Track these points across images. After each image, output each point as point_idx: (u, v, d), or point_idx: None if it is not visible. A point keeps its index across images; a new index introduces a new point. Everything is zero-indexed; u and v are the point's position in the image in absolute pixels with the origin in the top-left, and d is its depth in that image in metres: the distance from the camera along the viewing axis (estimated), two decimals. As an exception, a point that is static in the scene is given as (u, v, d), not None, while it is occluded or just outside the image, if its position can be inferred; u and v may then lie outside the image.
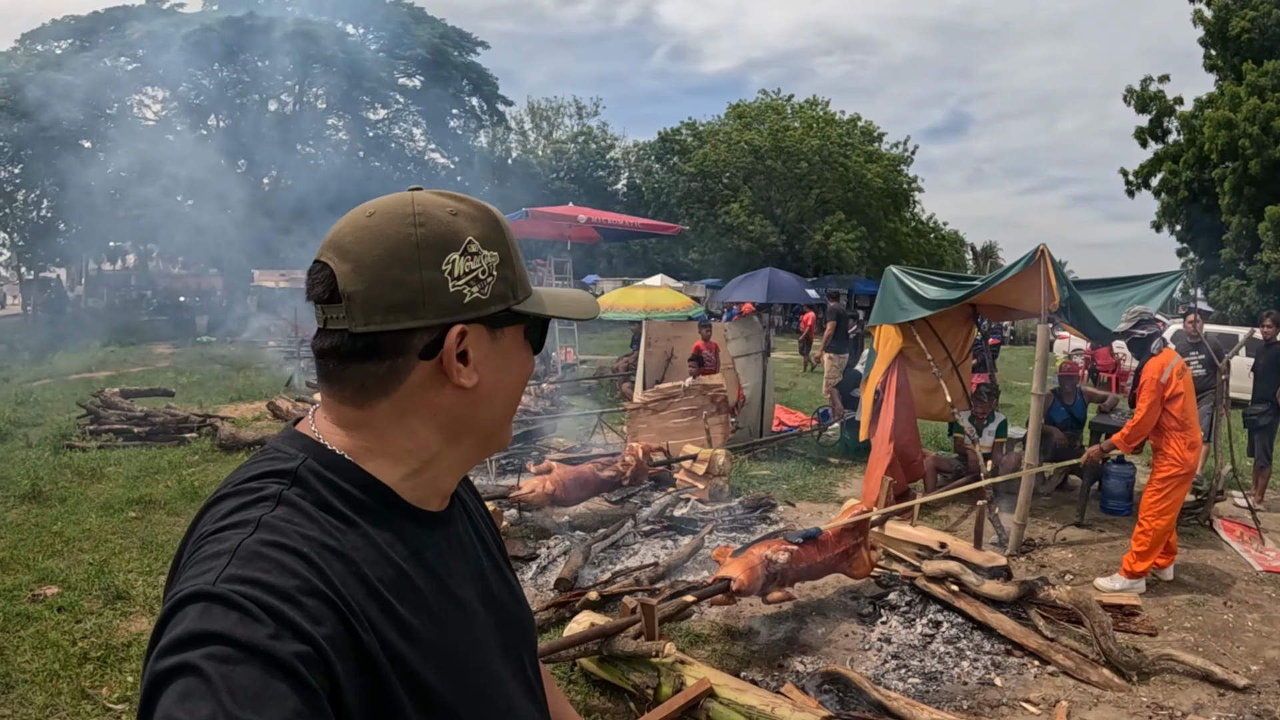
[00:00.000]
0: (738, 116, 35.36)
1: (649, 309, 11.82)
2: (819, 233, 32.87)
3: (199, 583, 0.68)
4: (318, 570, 0.73)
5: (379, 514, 0.84)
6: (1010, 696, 4.08)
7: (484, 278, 0.85)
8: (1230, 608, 5.25)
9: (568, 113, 42.11)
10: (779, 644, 4.71)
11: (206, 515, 0.80)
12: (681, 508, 7.21)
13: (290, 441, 0.87)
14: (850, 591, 5.39)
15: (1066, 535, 6.61)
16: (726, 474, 7.56)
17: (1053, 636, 4.58)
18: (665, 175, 36.23)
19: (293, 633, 0.67)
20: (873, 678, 4.23)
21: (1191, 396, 5.34)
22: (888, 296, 7.18)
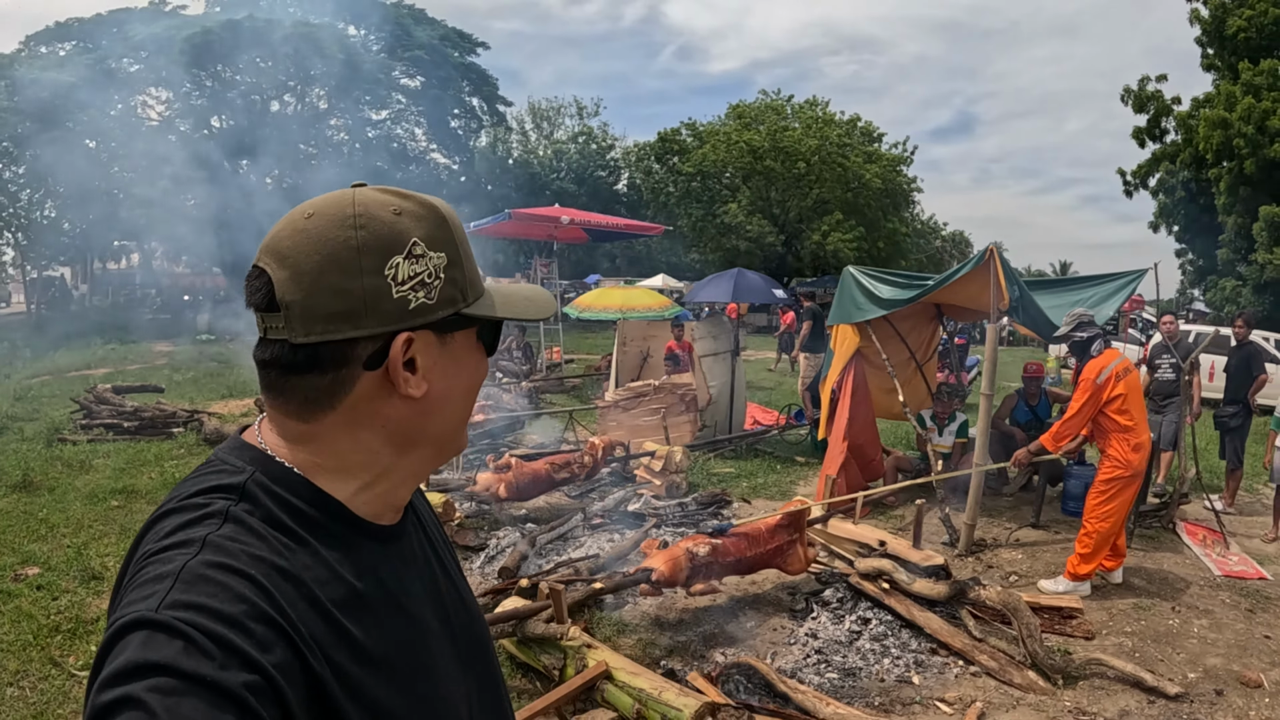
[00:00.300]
0: (737, 117, 35.22)
1: (625, 309, 11.78)
2: (817, 232, 32.70)
3: (141, 609, 0.65)
4: (266, 594, 0.69)
5: (330, 530, 0.80)
6: (926, 695, 4.02)
7: (430, 281, 0.80)
8: (1178, 613, 5.13)
9: (568, 113, 42.13)
10: (706, 635, 4.70)
11: (150, 532, 0.76)
12: (635, 503, 7.20)
13: (237, 453, 0.82)
14: (788, 587, 5.35)
15: (1020, 536, 6.48)
16: (684, 471, 7.53)
17: (981, 637, 4.49)
18: (665, 175, 36.11)
19: (240, 662, 0.63)
20: (789, 671, 4.20)
21: (1135, 397, 5.21)
22: (845, 296, 7.08)
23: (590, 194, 38.45)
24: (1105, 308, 6.37)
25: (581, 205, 37.07)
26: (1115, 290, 6.53)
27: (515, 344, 15.79)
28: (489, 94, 30.72)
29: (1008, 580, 5.56)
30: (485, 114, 31.65)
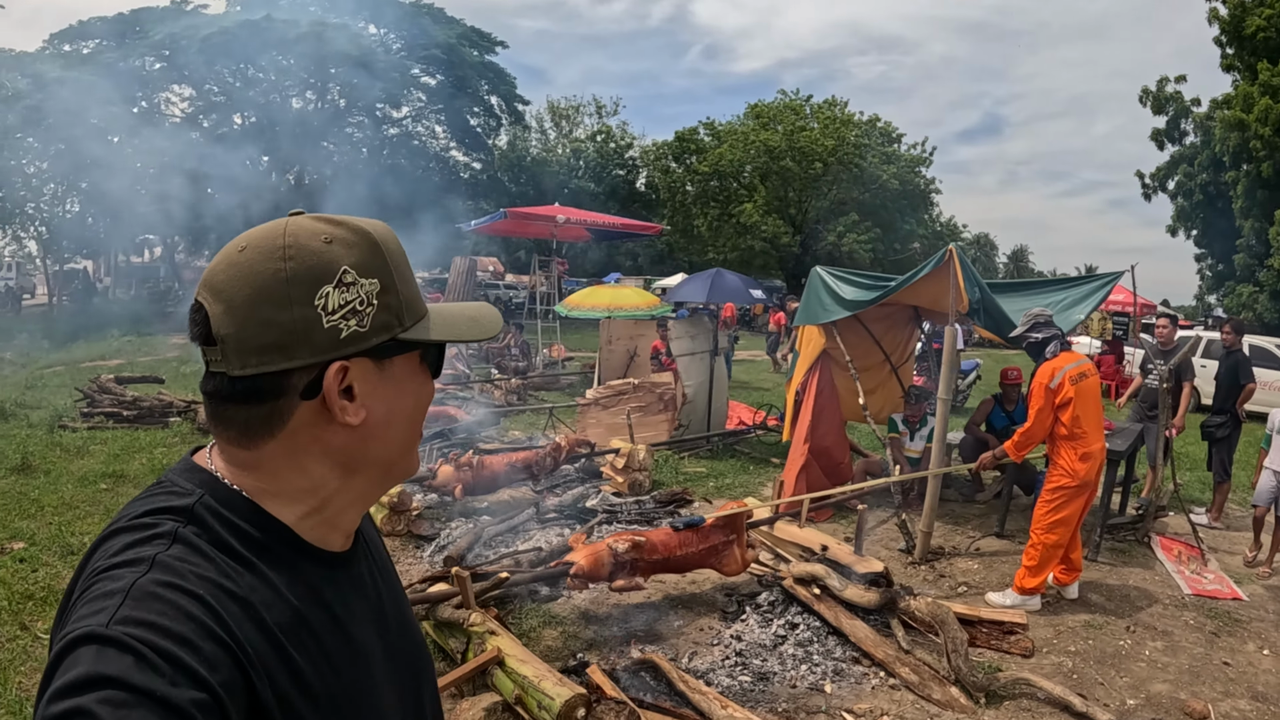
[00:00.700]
0: (755, 116, 34.85)
1: (612, 308, 11.68)
2: (832, 233, 32.27)
3: (91, 623, 0.65)
4: (214, 613, 0.70)
5: (277, 554, 0.80)
6: (835, 705, 3.86)
7: (362, 309, 0.80)
8: (1132, 633, 4.84)
9: (587, 112, 42.03)
10: (631, 632, 4.62)
11: (99, 550, 0.76)
12: (592, 499, 7.12)
13: (187, 475, 0.82)
14: (726, 588, 5.22)
15: (982, 546, 6.22)
16: (647, 469, 7.37)
17: (909, 648, 4.26)
18: (683, 175, 35.88)
19: (189, 679, 0.64)
20: (703, 671, 4.09)
21: (1088, 404, 4.94)
22: (812, 297, 6.86)
23: (608, 193, 38.35)
24: (1075, 312, 6.08)
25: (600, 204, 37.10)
26: (1088, 294, 6.23)
27: (514, 341, 15.73)
28: (507, 93, 30.69)
29: (956, 591, 5.32)
30: (504, 112, 31.62)
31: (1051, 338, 5.07)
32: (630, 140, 39.85)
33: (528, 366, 14.98)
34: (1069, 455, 4.89)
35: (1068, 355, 5.05)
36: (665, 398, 9.58)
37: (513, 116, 32.26)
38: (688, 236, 36.18)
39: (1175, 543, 6.43)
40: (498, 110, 31.34)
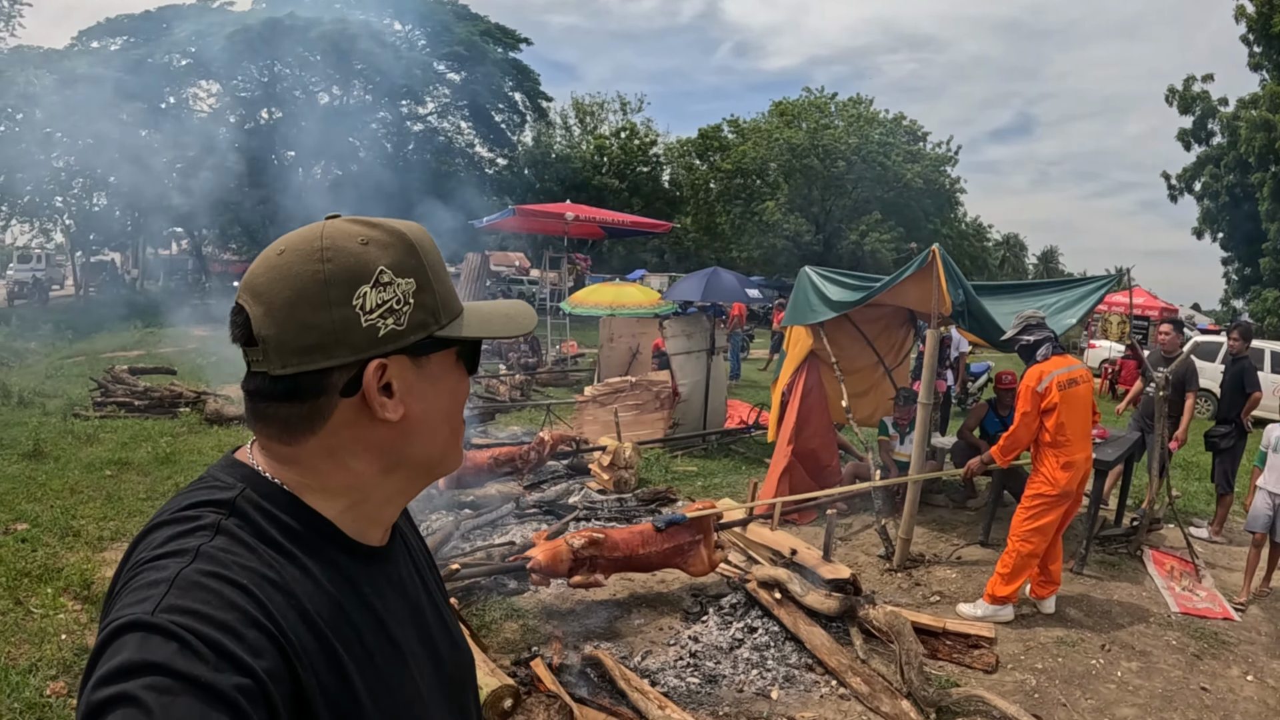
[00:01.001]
0: (780, 114, 34.50)
1: (615, 305, 11.60)
2: (854, 232, 31.88)
3: (137, 611, 0.66)
4: (258, 602, 0.71)
5: (317, 547, 0.81)
6: (779, 711, 3.77)
7: (399, 308, 0.81)
8: (1107, 651, 4.61)
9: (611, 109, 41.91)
10: (590, 628, 4.60)
11: (143, 542, 0.77)
12: (575, 495, 7.12)
13: (229, 470, 0.84)
14: (695, 589, 5.16)
15: (965, 554, 6.03)
16: (633, 466, 7.30)
17: (865, 657, 4.10)
18: (706, 172, 35.65)
19: (233, 665, 0.65)
20: (653, 670, 4.05)
21: (1075, 411, 4.76)
22: (799, 298, 6.72)
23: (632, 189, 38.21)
24: (1066, 315, 5.86)
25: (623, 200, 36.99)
26: (1081, 297, 6.01)
27: (525, 337, 15.68)
28: (530, 89, 30.70)
29: (929, 600, 5.15)
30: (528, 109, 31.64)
31: (1043, 340, 4.90)
32: (654, 137, 39.68)
33: (538, 363, 14.95)
34: (1051, 463, 4.72)
35: (1059, 359, 4.87)
36: (662, 396, 9.50)
37: (536, 113, 32.26)
38: (711, 234, 35.96)
39: (1169, 557, 6.17)
40: (522, 107, 31.36)
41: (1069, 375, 4.79)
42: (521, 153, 35.16)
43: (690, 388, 9.28)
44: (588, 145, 38.66)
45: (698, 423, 9.41)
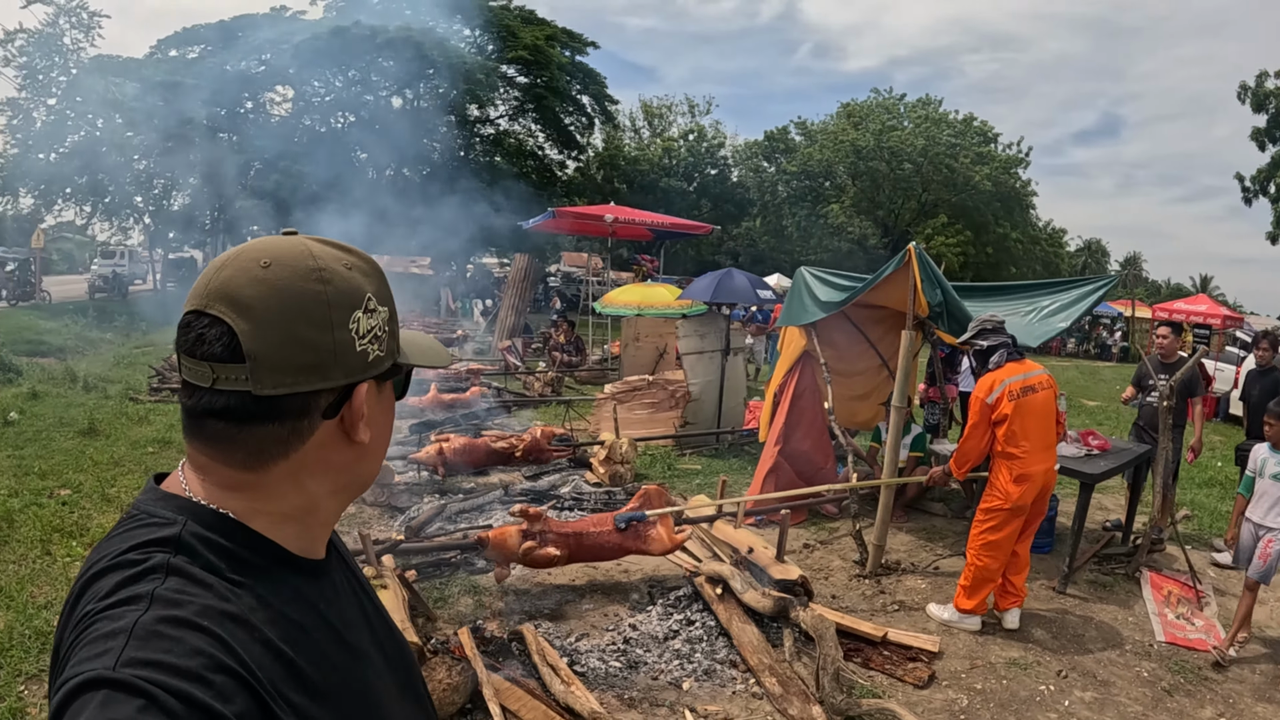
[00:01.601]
0: (847, 115, 33.87)
1: (642, 305, 11.58)
2: (920, 235, 31.03)
3: (96, 666, 0.63)
4: (221, 643, 0.68)
5: (269, 572, 0.80)
6: (683, 701, 3.78)
7: (381, 335, 0.84)
8: (1063, 678, 4.27)
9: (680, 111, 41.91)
10: (538, 608, 4.72)
11: (86, 593, 0.73)
12: (566, 486, 7.21)
13: (163, 504, 0.80)
14: (654, 580, 5.19)
15: (944, 565, 5.78)
16: (630, 462, 7.32)
17: (790, 659, 3.99)
18: (775, 175, 35.29)
19: (203, 714, 0.63)
20: (581, 650, 4.14)
21: (1031, 420, 4.55)
22: (794, 297, 6.65)
23: (700, 191, 38.14)
24: (1058, 319, 5.59)
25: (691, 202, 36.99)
26: (1077, 299, 5.73)
27: (566, 337, 15.89)
28: (597, 92, 30.95)
29: (888, 608, 4.94)
30: (595, 112, 31.93)
31: (998, 346, 4.72)
32: (722, 139, 39.53)
33: (580, 361, 15.08)
34: (1004, 475, 4.53)
35: (1015, 366, 4.67)
36: (677, 395, 9.47)
37: (604, 116, 32.52)
38: (778, 237, 35.56)
39: (1170, 581, 5.74)
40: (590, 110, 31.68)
41: (1024, 383, 4.57)
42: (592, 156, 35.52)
43: (702, 387, 9.23)
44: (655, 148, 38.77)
45: (711, 422, 9.34)
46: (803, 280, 6.55)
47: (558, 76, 28.45)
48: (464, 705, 3.50)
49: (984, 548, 4.56)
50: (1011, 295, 6.09)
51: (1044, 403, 4.61)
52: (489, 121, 31.13)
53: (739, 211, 38.14)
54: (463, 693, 3.47)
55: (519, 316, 16.99)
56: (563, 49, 28.96)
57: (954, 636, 4.61)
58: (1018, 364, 4.68)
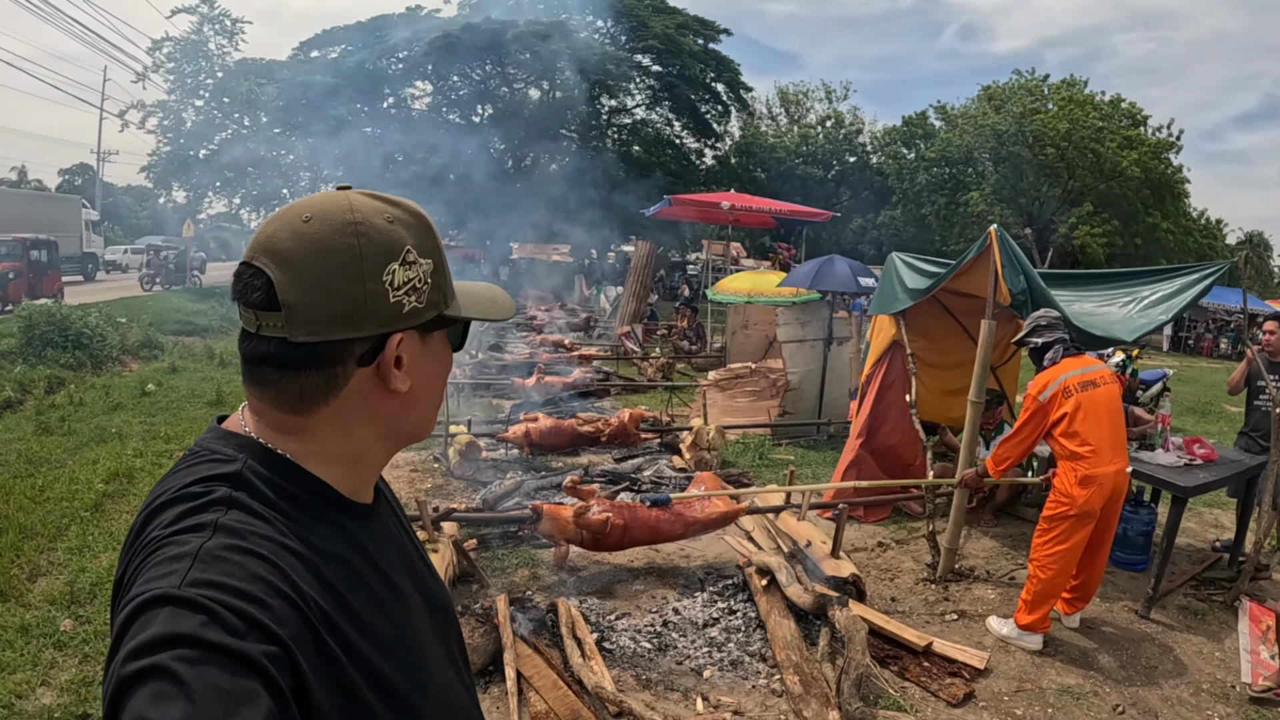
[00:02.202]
0: (988, 98, 31.70)
1: (752, 293, 11.38)
2: (1064, 225, 28.68)
3: (162, 585, 0.67)
4: (279, 571, 0.73)
5: (322, 512, 0.85)
6: (701, 689, 3.70)
7: (420, 286, 0.86)
8: (1118, 714, 3.75)
9: (816, 97, 40.64)
10: (589, 585, 4.77)
11: (152, 522, 0.77)
12: (648, 470, 7.26)
13: (225, 442, 0.85)
14: (711, 567, 5.14)
15: (1019, 575, 5.22)
16: (716, 448, 7.28)
17: (822, 659, 3.84)
18: (914, 161, 33.64)
19: (260, 634, 0.66)
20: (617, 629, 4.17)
21: (1094, 418, 4.13)
22: (885, 285, 6.37)
23: (838, 179, 36.98)
24: (1159, 310, 4.99)
25: (829, 190, 36.04)
26: (1181, 289, 5.05)
27: (689, 323, 15.92)
28: (730, 79, 30.56)
29: (946, 617, 4.62)
30: (730, 99, 31.56)
31: (1053, 342, 4.36)
32: (860, 125, 38.09)
33: (699, 348, 15.07)
34: (1067, 478, 4.14)
35: (1072, 361, 4.29)
36: (779, 384, 9.28)
37: (738, 103, 32.09)
38: (918, 225, 33.96)
39: (1271, 614, 4.78)
40: (725, 97, 31.34)
41: (1082, 378, 4.18)
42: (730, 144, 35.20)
43: (801, 377, 8.98)
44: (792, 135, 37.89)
45: (811, 413, 9.08)
46: (894, 266, 6.23)
47: (690, 65, 28.28)
48: (485, 666, 3.62)
49: (1048, 559, 4.18)
50: (1108, 284, 5.49)
51: (1108, 398, 4.20)
52: (625, 111, 31.42)
53: (879, 200, 36.75)
54: (483, 654, 3.60)
55: (640, 303, 17.14)
56: (695, 37, 28.77)
57: (1009, 654, 4.24)
58: (1075, 359, 4.32)
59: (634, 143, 31.59)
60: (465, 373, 11.23)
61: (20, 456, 6.91)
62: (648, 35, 26.94)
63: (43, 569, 4.76)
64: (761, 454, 8.10)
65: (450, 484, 6.66)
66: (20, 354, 10.74)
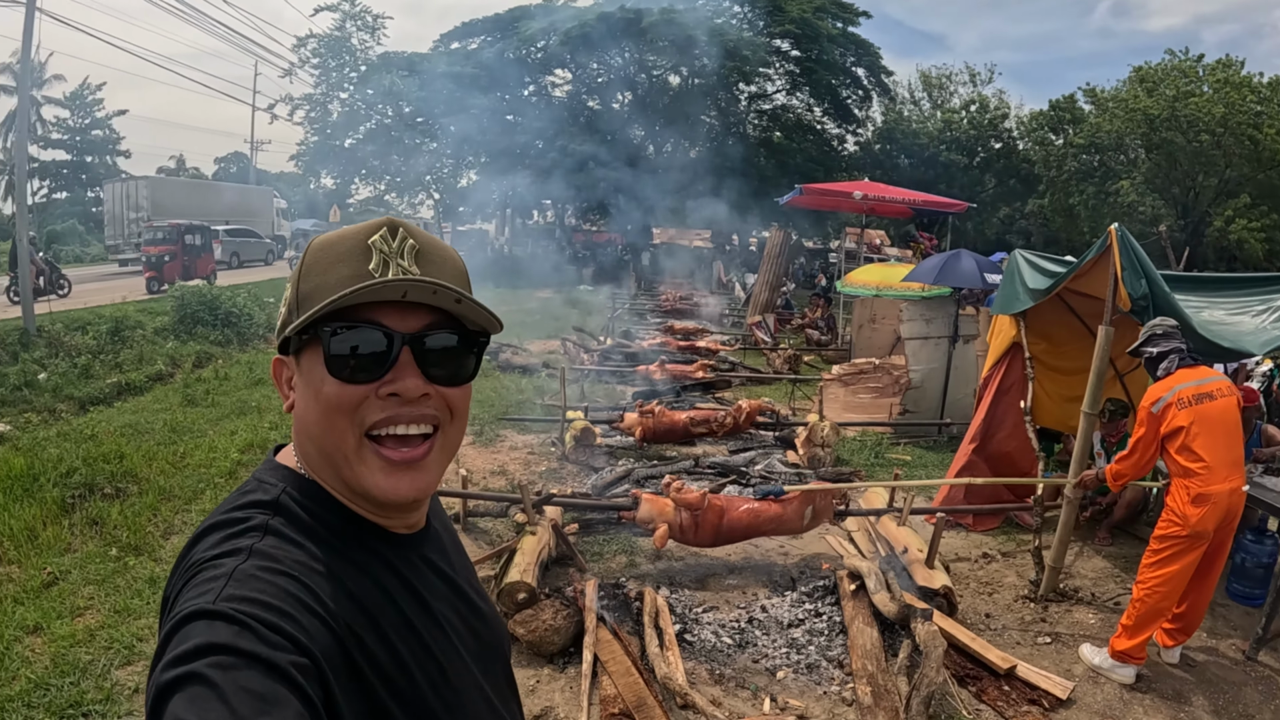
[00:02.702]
0: (1140, 81, 28.69)
1: (881, 286, 11.01)
2: (1220, 217, 25.68)
3: (199, 602, 0.70)
4: (310, 591, 0.75)
5: (358, 538, 0.87)
6: (772, 690, 3.72)
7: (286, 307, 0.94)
8: None
9: (960, 81, 38.22)
10: (686, 577, 4.87)
11: (198, 545, 0.81)
12: (759, 464, 7.27)
13: (271, 473, 0.90)
14: (806, 566, 5.13)
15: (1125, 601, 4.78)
16: (830, 445, 7.21)
17: (896, 671, 3.81)
18: (1063, 148, 31.12)
19: (289, 645, 0.69)
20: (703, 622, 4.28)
21: (1209, 433, 3.80)
22: (1007, 284, 6.09)
23: (983, 166, 34.87)
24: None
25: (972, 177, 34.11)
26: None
27: (823, 314, 15.68)
28: (870, 63, 29.36)
29: (1038, 641, 4.39)
30: (871, 84, 30.33)
31: (1168, 352, 4.04)
32: (1005, 110, 35.57)
33: (831, 340, 14.82)
34: (1180, 498, 3.85)
35: (1187, 372, 3.97)
36: (902, 381, 9.02)
37: (880, 88, 30.79)
38: (1066, 215, 31.50)
39: None
40: (865, 82, 30.18)
41: (1197, 390, 3.86)
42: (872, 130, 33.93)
43: (924, 375, 8.68)
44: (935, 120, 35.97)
45: (933, 413, 8.76)
46: (1016, 264, 5.91)
47: (828, 49, 27.39)
48: (566, 647, 3.80)
49: (1157, 582, 3.90)
50: (1242, 290, 4.93)
51: (1224, 411, 3.87)
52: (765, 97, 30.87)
53: (1025, 188, 34.49)
54: (563, 635, 3.78)
55: (773, 292, 16.95)
56: (833, 20, 27.85)
57: (1097, 686, 3.95)
58: (1190, 370, 4.00)
59: (774, 129, 31.00)
60: (592, 359, 11.54)
61: (166, 425, 7.56)
62: (784, 19, 26.26)
63: (176, 528, 5.30)
64: (878, 453, 7.90)
65: (564, 468, 6.91)
66: (172, 331, 11.69)
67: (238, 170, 52.08)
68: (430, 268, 0.85)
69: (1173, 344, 4.06)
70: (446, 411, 0.88)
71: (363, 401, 0.83)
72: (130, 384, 9.48)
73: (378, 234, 0.84)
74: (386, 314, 0.83)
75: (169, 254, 18.95)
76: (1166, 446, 3.92)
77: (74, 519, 5.33)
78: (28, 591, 4.34)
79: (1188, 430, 3.82)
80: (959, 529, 5.99)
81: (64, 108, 42.53)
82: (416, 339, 0.84)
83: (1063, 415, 6.50)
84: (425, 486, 0.87)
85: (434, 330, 0.86)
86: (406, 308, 0.84)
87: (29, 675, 3.55)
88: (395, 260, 0.83)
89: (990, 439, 6.22)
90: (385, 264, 0.83)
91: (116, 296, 15.07)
